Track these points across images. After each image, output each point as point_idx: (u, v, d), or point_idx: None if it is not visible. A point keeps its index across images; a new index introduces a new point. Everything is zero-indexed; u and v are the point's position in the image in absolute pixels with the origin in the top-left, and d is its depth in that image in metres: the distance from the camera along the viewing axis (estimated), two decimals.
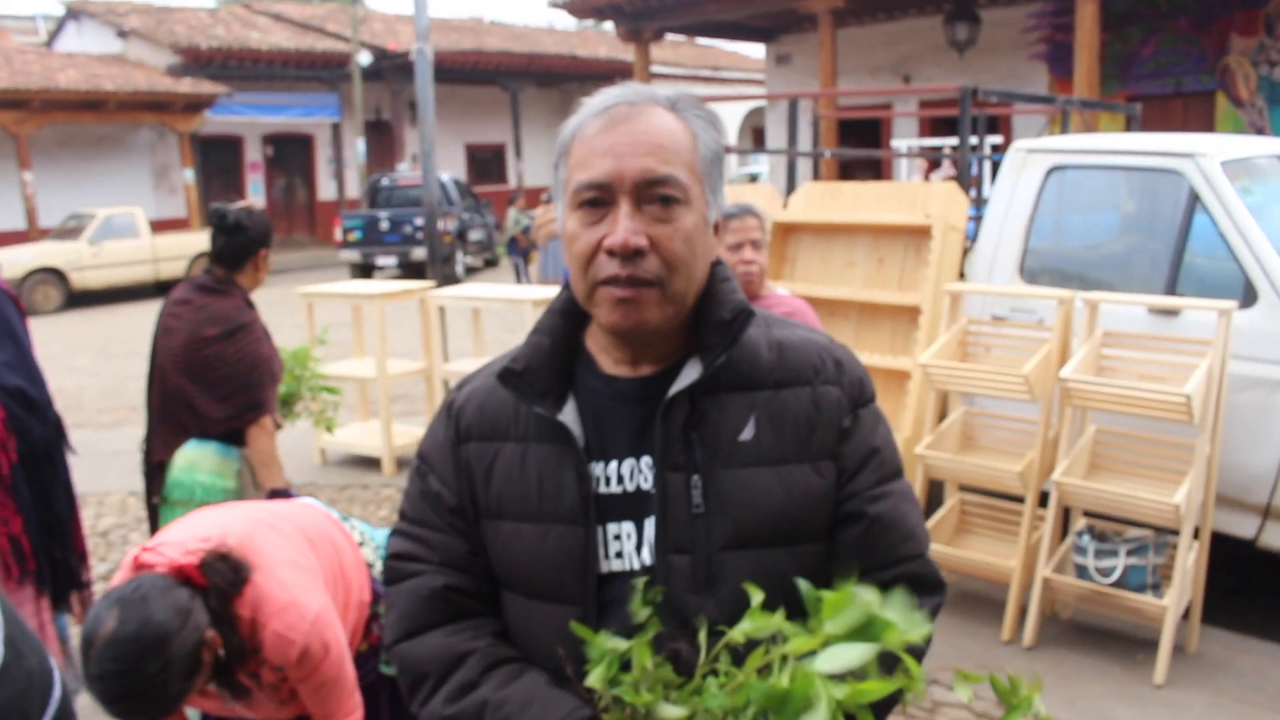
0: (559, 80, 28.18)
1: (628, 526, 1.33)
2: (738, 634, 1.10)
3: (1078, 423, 4.52)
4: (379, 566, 2.62)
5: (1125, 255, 5.30)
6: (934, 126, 16.03)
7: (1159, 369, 4.34)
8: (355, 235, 19.74)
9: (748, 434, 1.33)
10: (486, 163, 29.18)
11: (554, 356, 1.38)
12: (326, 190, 27.20)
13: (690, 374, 1.32)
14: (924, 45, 16.48)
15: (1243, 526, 4.44)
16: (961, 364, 4.69)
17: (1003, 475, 4.49)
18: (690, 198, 1.30)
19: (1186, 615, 4.25)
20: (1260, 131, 13.56)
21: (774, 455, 1.33)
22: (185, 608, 2.02)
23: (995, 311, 5.17)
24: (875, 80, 16.85)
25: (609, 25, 20.22)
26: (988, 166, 10.82)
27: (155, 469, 3.71)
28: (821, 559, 1.35)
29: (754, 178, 23.69)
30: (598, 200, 1.28)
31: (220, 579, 2.10)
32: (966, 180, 5.92)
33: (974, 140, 6.76)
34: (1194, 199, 4.66)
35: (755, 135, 28.72)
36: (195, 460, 3.63)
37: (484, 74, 26.06)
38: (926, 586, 1.39)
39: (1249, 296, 4.40)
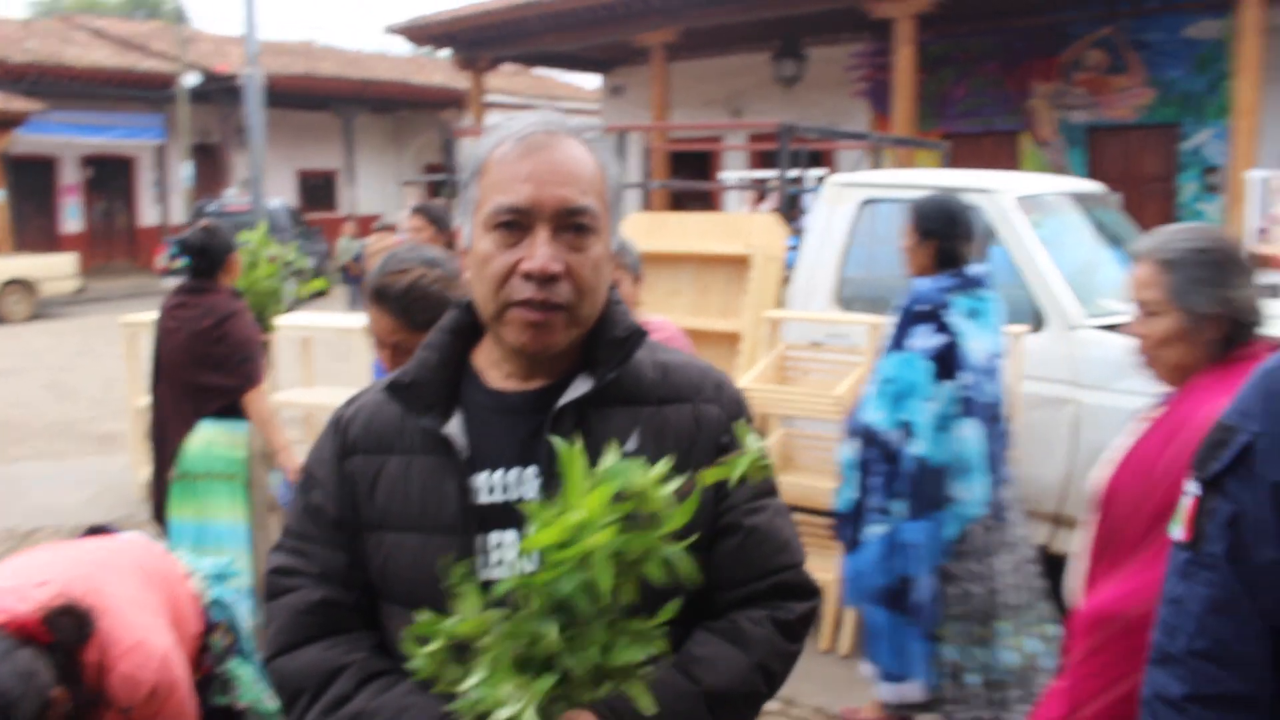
0: (393, 107, 27.94)
1: (510, 535, 1.37)
2: (527, 545, 1.16)
3: None
4: (207, 596, 2.62)
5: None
6: (763, 159, 16.59)
7: None
8: (180, 262, 19.04)
9: (631, 446, 1.38)
10: (318, 189, 28.64)
11: (441, 371, 1.42)
12: (149, 215, 26.19)
13: (580, 387, 1.38)
14: (753, 80, 17.04)
15: (1036, 534, 4.77)
16: (779, 387, 4.91)
17: (818, 493, 4.71)
18: (600, 227, 1.37)
19: None
20: (1060, 169, 14.49)
21: None
22: (27, 670, 1.91)
23: (813, 337, 5.42)
24: (706, 113, 17.32)
25: (445, 52, 20.19)
26: (810, 199, 11.27)
27: (169, 453, 4.27)
28: (699, 568, 1.40)
29: None
30: (514, 224, 1.33)
31: (66, 634, 2.00)
32: (786, 212, 6.19)
33: (796, 173, 7.07)
34: (990, 232, 5.00)
35: None
36: (211, 438, 4.24)
37: (316, 99, 25.60)
38: (801, 593, 1.48)
39: (1038, 321, 4.75)
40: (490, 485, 1.38)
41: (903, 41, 12.57)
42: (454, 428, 1.39)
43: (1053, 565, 4.95)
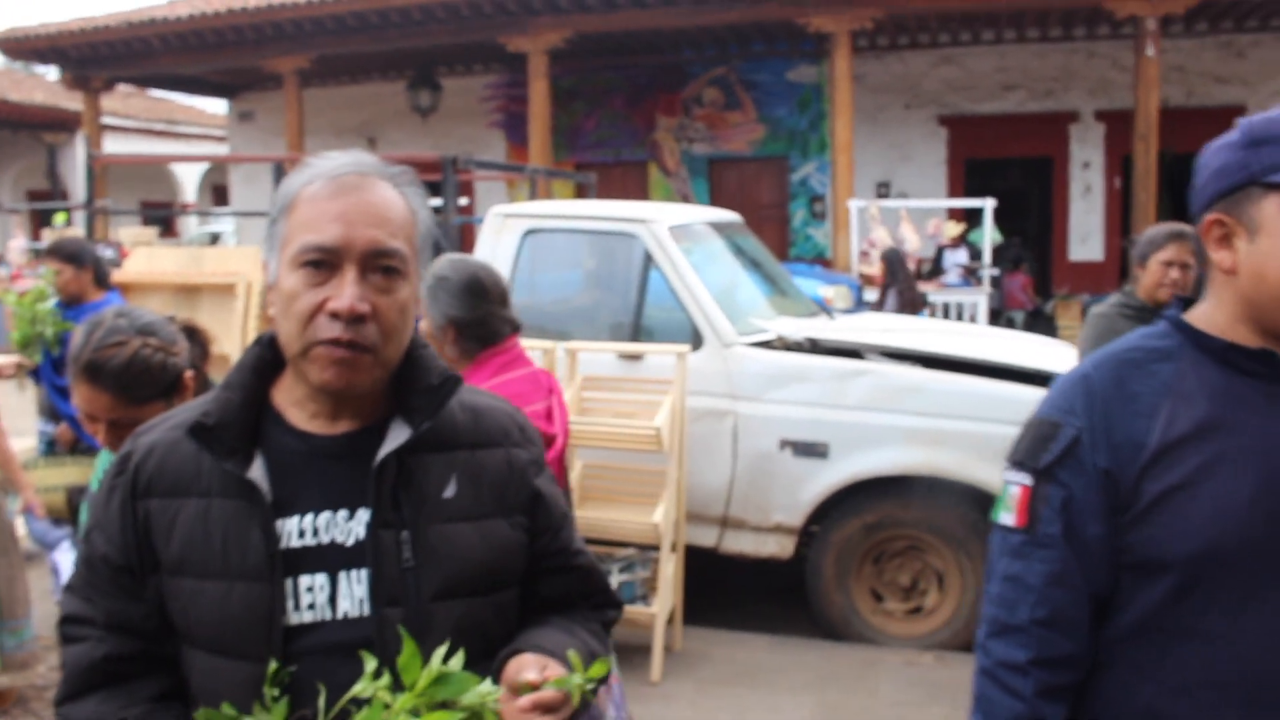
0: None
1: (320, 579, 1.36)
2: (361, 689, 1.26)
3: (568, 459, 5.02)
4: None
5: (594, 308, 5.95)
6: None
7: (631, 406, 4.97)
8: None
9: (450, 491, 1.41)
10: None
11: (244, 412, 1.39)
12: None
13: (399, 435, 1.38)
14: (388, 109, 16.99)
15: (706, 537, 5.19)
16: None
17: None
18: (409, 270, 1.38)
19: (672, 620, 4.88)
20: (685, 198, 15.56)
21: (474, 511, 1.43)
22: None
23: None
24: (341, 141, 17.04)
25: (48, 68, 18.57)
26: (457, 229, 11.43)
27: None
28: (514, 604, 1.49)
29: (216, 238, 22.77)
30: (323, 263, 1.32)
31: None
32: (449, 242, 6.32)
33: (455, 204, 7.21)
34: (648, 259, 5.38)
35: (216, 193, 27.62)
36: None
37: None
38: (614, 606, 1.63)
39: (697, 340, 5.18)
40: (300, 529, 1.37)
41: (536, 75, 13.04)
42: (256, 472, 1.36)
43: (721, 564, 5.40)
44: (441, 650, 1.28)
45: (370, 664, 1.28)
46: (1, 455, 4.30)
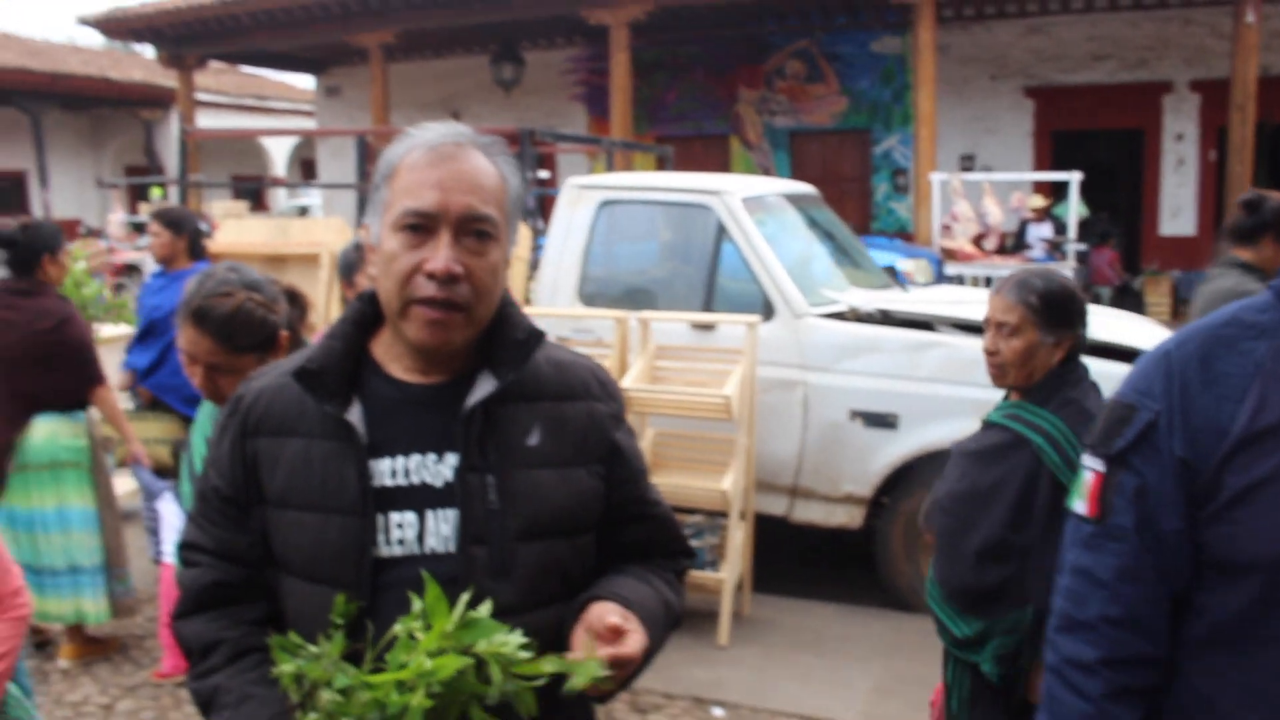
0: (89, 104, 25.91)
1: (410, 516, 1.46)
2: (399, 629, 1.35)
3: (639, 427, 5.10)
4: None
5: (667, 279, 6.01)
6: None
7: (702, 376, 5.02)
8: None
9: (534, 440, 1.51)
10: (5, 192, 26.27)
11: (345, 360, 1.51)
12: None
13: (485, 386, 1.48)
14: (472, 83, 17.15)
15: (777, 505, 5.24)
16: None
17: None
18: (499, 234, 1.48)
19: (740, 586, 4.94)
20: (766, 171, 15.48)
21: (556, 458, 1.52)
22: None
23: (559, 333, 5.68)
24: (425, 115, 17.21)
25: (146, 47, 19.11)
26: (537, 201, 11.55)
27: (4, 448, 4.36)
28: (592, 547, 1.58)
29: (304, 210, 23.26)
30: (420, 227, 1.43)
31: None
32: (528, 213, 6.42)
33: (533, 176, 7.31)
34: (721, 230, 5.42)
35: (304, 167, 28.18)
36: (54, 430, 4.40)
37: None
38: (688, 554, 1.71)
39: (768, 311, 5.20)
40: (392, 470, 1.47)
41: (618, 48, 13.04)
42: (354, 415, 1.47)
43: (793, 532, 5.44)
44: (466, 597, 1.36)
45: (416, 604, 1.36)
46: (110, 410, 4.55)
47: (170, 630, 1.58)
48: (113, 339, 6.59)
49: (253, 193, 24.87)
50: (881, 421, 4.96)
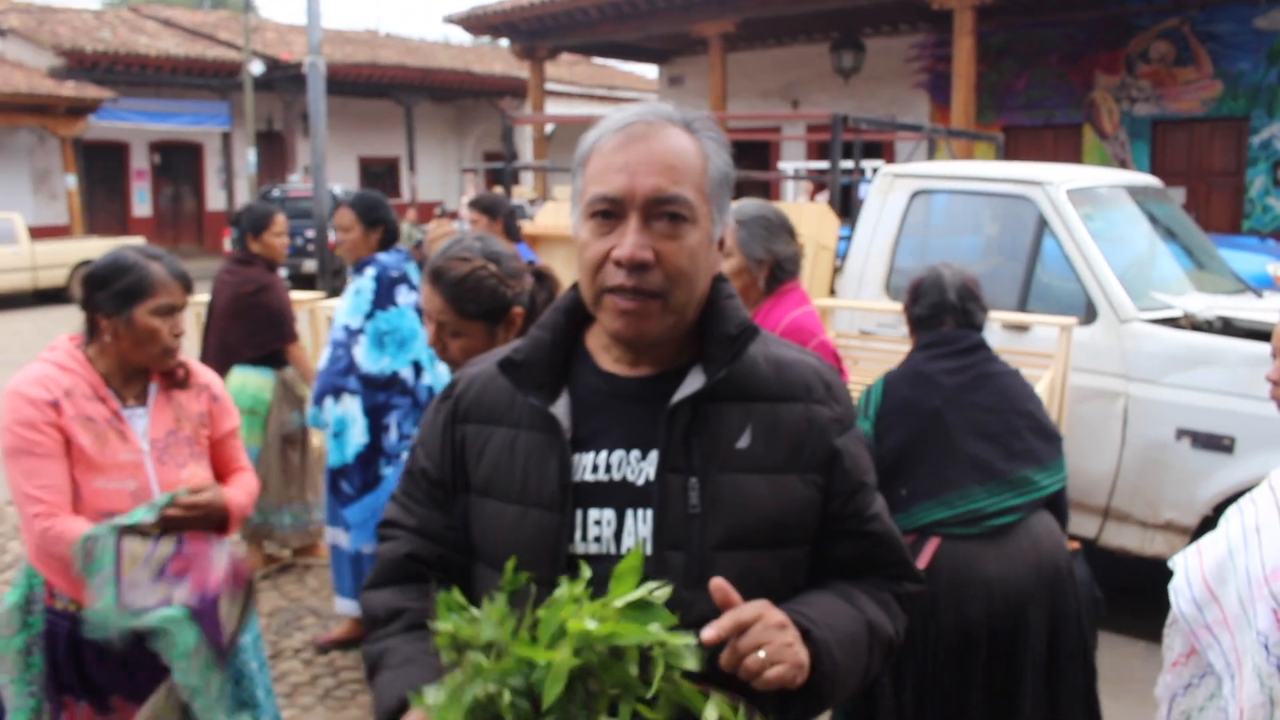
0: (454, 95, 28.12)
1: (608, 514, 1.40)
2: (562, 592, 1.24)
3: None
4: None
5: (981, 274, 5.62)
6: (820, 150, 16.54)
7: None
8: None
9: (744, 442, 1.41)
10: (380, 176, 28.95)
11: (553, 351, 1.46)
12: (215, 200, 26.67)
13: (694, 382, 1.40)
14: (811, 71, 17.00)
15: (1086, 526, 4.78)
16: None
17: None
18: (697, 216, 1.38)
19: None
20: (1123, 163, 14.30)
21: (767, 464, 1.41)
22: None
23: (863, 326, 5.45)
24: (765, 104, 17.30)
25: (504, 41, 20.35)
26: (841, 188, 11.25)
27: None
28: (802, 563, 1.46)
29: None
30: (609, 213, 1.36)
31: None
32: (837, 202, 6.22)
33: (850, 164, 7.07)
34: (1042, 224, 5.00)
35: None
36: (245, 380, 5.15)
37: (378, 87, 25.87)
38: (914, 579, 1.56)
39: (1090, 314, 4.74)
40: (595, 464, 1.41)
41: (962, 33, 12.47)
42: (560, 408, 1.43)
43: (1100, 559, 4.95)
44: (655, 583, 1.24)
45: (586, 570, 1.27)
46: (301, 364, 5.30)
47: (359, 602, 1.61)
48: None
49: None
50: (1214, 443, 4.39)
